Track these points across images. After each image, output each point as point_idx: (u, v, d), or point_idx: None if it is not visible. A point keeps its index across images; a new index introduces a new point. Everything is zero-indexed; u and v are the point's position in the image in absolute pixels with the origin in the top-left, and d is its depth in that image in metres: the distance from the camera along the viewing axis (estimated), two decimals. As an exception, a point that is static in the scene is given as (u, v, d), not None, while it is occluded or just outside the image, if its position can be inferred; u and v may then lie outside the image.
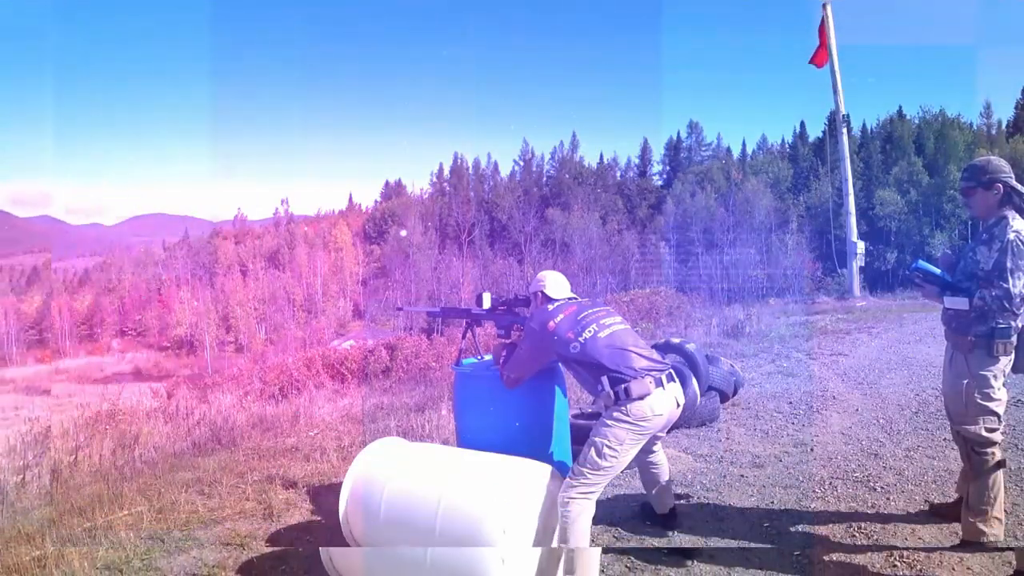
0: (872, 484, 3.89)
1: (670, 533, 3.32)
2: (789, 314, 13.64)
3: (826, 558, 3.05)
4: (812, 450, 4.56)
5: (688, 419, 4.96)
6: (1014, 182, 2.96)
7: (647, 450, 3.16)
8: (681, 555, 3.14)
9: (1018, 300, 2.82)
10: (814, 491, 3.83)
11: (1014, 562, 2.87)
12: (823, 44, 16.11)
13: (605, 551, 3.11)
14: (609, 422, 2.81)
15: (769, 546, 3.18)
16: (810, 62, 16.36)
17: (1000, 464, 2.95)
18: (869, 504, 3.62)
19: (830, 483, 3.94)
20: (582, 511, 2.74)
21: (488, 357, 3.59)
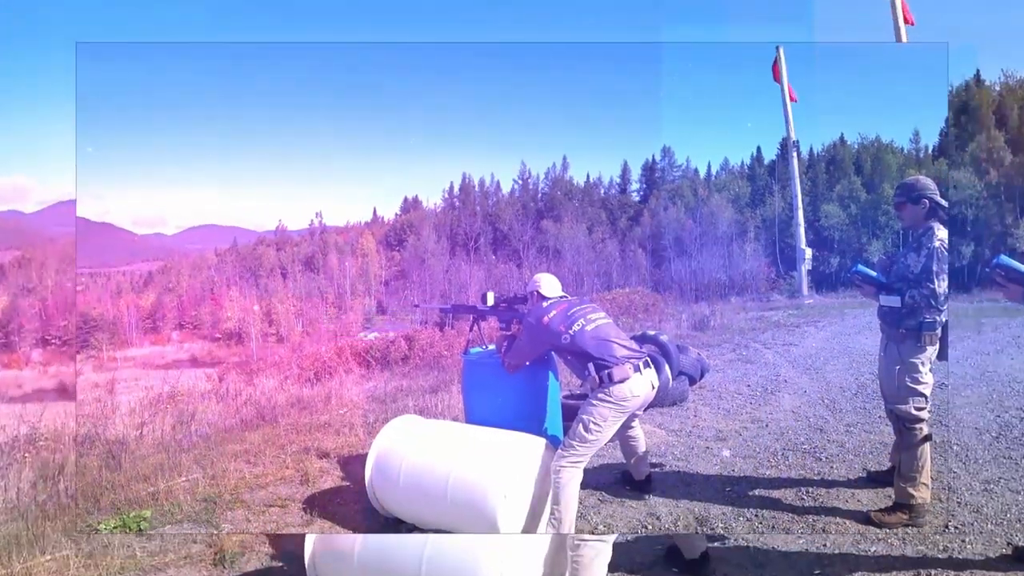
0: (818, 455, 3.88)
1: (646, 496, 3.32)
2: (748, 310, 13.63)
3: (778, 517, 3.06)
4: (767, 426, 4.55)
5: (661, 400, 4.94)
6: (938, 198, 2.97)
7: (627, 426, 3.16)
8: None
9: (942, 298, 2.83)
10: (768, 461, 3.83)
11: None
12: (777, 79, 16.11)
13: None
14: (594, 402, 2.81)
15: (729, 507, 3.18)
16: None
17: (927, 438, 2.95)
18: (815, 472, 3.62)
19: (782, 454, 3.93)
20: (572, 477, 2.74)
21: (492, 347, 3.58)
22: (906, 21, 14.04)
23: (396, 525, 2.99)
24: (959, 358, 6.65)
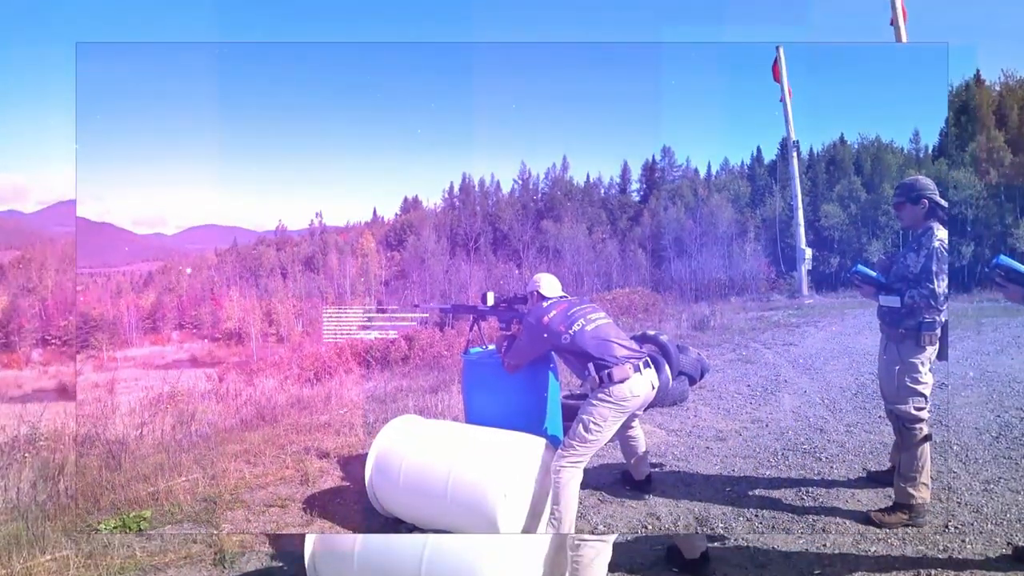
0: (818, 455, 3.89)
1: (646, 496, 3.32)
2: (748, 310, 13.64)
3: (778, 517, 3.06)
4: (767, 426, 4.56)
5: (661, 399, 4.94)
6: (937, 198, 2.97)
7: (627, 426, 3.17)
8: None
9: (942, 299, 2.83)
10: (768, 461, 3.83)
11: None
12: (776, 79, 16.10)
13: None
14: (594, 402, 2.81)
15: (729, 507, 3.18)
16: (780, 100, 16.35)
17: (927, 438, 2.95)
18: (815, 472, 3.62)
19: (782, 454, 3.94)
20: (571, 477, 2.74)
21: (492, 347, 3.59)
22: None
23: (396, 525, 2.99)
24: (959, 358, 6.62)
